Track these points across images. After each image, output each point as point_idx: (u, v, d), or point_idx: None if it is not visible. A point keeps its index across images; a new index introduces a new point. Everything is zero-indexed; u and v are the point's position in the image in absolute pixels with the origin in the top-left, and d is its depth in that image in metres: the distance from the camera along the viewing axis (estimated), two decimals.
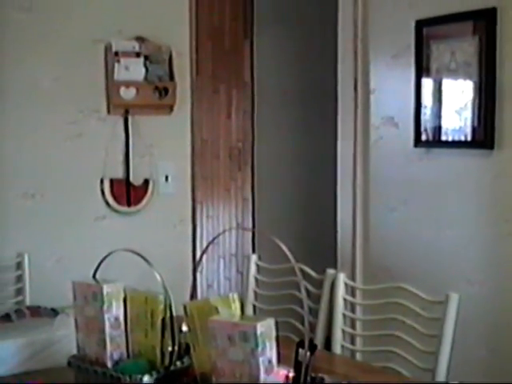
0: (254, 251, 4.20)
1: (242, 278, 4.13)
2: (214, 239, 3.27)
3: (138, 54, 3.64)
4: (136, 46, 3.64)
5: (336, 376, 2.06)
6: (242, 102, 4.72)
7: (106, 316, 2.04)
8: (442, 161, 3.56)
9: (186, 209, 3.96)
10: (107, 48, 3.63)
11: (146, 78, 3.65)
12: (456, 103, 3.46)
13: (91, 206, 3.66)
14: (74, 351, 2.13)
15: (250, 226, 4.65)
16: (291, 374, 1.84)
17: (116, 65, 3.60)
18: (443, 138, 3.53)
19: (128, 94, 3.62)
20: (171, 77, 3.74)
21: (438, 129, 3.55)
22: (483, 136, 3.31)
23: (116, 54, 3.60)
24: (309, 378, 1.83)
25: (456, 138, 3.46)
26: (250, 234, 4.60)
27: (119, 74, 3.60)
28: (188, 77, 3.91)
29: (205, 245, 4.02)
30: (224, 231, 4.05)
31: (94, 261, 2.13)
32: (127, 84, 3.61)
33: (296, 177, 5.05)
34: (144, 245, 2.41)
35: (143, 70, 3.64)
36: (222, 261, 4.61)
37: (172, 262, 3.54)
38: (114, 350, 2.05)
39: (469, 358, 3.33)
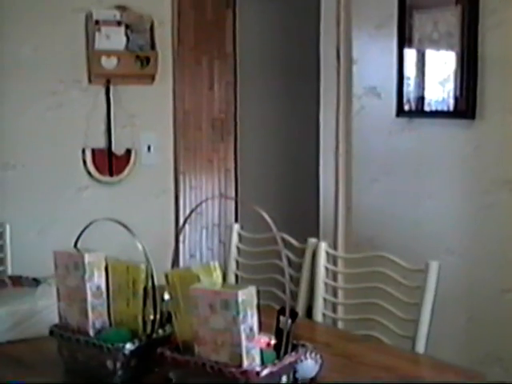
0: (236, 221, 4.20)
1: (225, 247, 4.13)
2: (196, 207, 3.27)
3: (119, 23, 3.61)
4: (117, 15, 3.60)
5: (317, 344, 2.08)
6: (225, 73, 4.70)
7: (88, 285, 2.04)
8: (423, 131, 3.57)
9: (168, 179, 3.96)
10: (88, 17, 3.60)
11: (127, 48, 3.62)
12: (438, 73, 3.46)
13: (73, 176, 3.65)
14: (56, 320, 2.13)
15: (233, 196, 4.65)
16: (272, 342, 1.86)
17: (97, 34, 3.56)
18: (425, 108, 3.54)
19: (109, 63, 3.59)
20: (152, 46, 3.71)
21: (420, 99, 3.55)
22: (465, 106, 3.32)
23: (97, 22, 3.57)
24: (290, 346, 1.85)
25: (438, 109, 3.47)
26: (232, 205, 4.60)
27: (100, 43, 3.57)
28: (170, 47, 3.88)
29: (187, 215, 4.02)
30: (207, 199, 4.05)
31: (77, 231, 2.13)
32: (108, 53, 3.58)
33: (278, 147, 5.05)
34: (126, 215, 2.41)
35: (124, 39, 3.61)
36: (204, 231, 4.61)
37: (154, 232, 3.54)
38: (95, 318, 2.05)
39: (448, 325, 3.37)
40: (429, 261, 2.40)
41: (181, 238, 4.47)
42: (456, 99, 3.37)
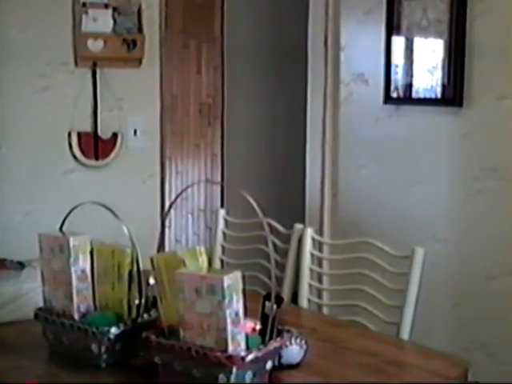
0: (222, 206, 4.19)
1: (211, 233, 4.13)
2: (182, 191, 3.26)
3: (106, 6, 3.57)
4: None
5: (303, 329, 2.09)
6: (213, 57, 4.68)
7: (73, 269, 2.03)
8: (411, 118, 3.57)
9: (154, 164, 3.94)
10: None
11: (114, 30, 3.59)
12: (426, 61, 3.46)
13: (59, 159, 3.63)
14: (41, 304, 2.12)
15: (219, 181, 4.65)
16: (258, 327, 1.86)
17: (84, 16, 3.53)
18: (413, 95, 3.54)
19: (96, 46, 3.56)
20: (140, 29, 3.68)
21: (408, 86, 3.55)
22: (452, 94, 3.33)
23: (84, 5, 3.53)
24: (275, 331, 1.85)
25: (426, 96, 3.47)
26: (218, 190, 4.59)
27: (87, 25, 3.53)
28: (157, 30, 3.85)
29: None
30: (193, 184, 4.04)
31: (63, 214, 2.12)
32: (95, 36, 3.55)
33: (266, 133, 5.04)
34: (112, 199, 2.39)
35: (111, 21, 3.58)
36: (190, 216, 4.60)
37: (140, 217, 3.52)
38: (80, 302, 2.05)
39: (434, 312, 3.39)
40: (414, 247, 2.41)
41: (167, 223, 4.47)
42: (444, 87, 3.37)
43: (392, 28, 3.59)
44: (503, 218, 3.19)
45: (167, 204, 4.00)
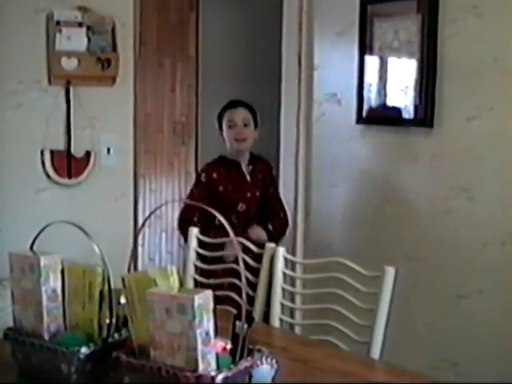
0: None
1: (184, 251, 4.12)
2: (156, 209, 3.25)
3: (80, 24, 3.58)
4: (78, 16, 3.58)
5: (274, 349, 2.09)
6: (187, 76, 4.71)
7: (43, 288, 2.02)
8: (382, 138, 3.61)
9: (128, 182, 3.93)
10: (49, 17, 3.56)
11: (88, 49, 3.60)
12: (398, 81, 3.50)
13: (31, 177, 3.61)
14: (11, 324, 2.10)
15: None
16: (228, 346, 1.86)
17: (58, 35, 3.53)
18: (385, 115, 3.57)
19: (70, 64, 3.56)
20: (114, 48, 3.69)
21: (379, 107, 3.59)
22: (423, 114, 3.36)
23: (58, 23, 3.54)
24: (246, 350, 1.85)
25: (398, 116, 3.51)
26: None
27: (61, 44, 3.53)
28: (131, 49, 3.86)
29: None
30: (166, 202, 4.05)
31: (34, 233, 2.10)
32: (69, 54, 3.55)
33: None
34: (85, 218, 2.40)
35: (85, 40, 3.58)
36: (164, 235, 4.61)
37: (113, 236, 3.51)
38: (50, 322, 2.03)
39: (405, 331, 3.40)
40: (385, 267, 2.43)
41: (140, 242, 4.46)
42: (416, 107, 3.41)
43: (365, 48, 3.63)
44: (473, 236, 3.22)
45: (140, 222, 3.99)
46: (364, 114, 3.63)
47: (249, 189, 3.55)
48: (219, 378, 1.74)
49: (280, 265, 2.75)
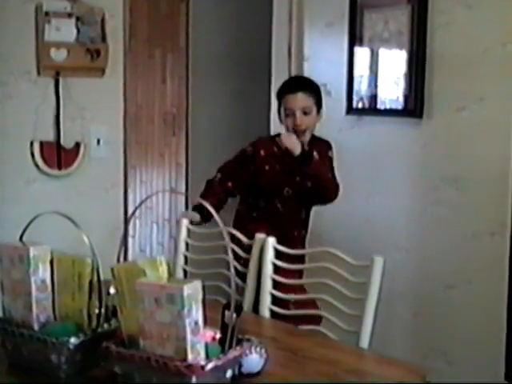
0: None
1: (175, 242, 4.13)
2: (146, 198, 3.23)
3: (69, 15, 3.57)
4: (68, 7, 3.57)
5: (263, 338, 2.09)
6: (178, 67, 4.70)
7: (33, 279, 2.02)
8: (372, 129, 3.62)
9: (118, 173, 3.93)
10: (38, 8, 3.55)
11: (77, 40, 3.59)
12: (387, 72, 3.51)
13: (21, 168, 3.61)
14: (0, 314, 2.11)
15: (184, 191, 4.65)
16: (217, 336, 1.87)
17: (47, 25, 3.52)
18: (375, 106, 3.58)
19: (59, 55, 3.55)
20: (103, 39, 3.68)
21: (369, 97, 3.59)
22: (413, 105, 3.37)
23: (47, 14, 3.52)
24: (235, 340, 1.86)
25: (387, 107, 3.52)
26: (182, 200, 4.60)
27: (50, 34, 3.52)
28: (121, 40, 3.85)
29: None
30: (157, 192, 4.05)
31: (24, 224, 2.10)
32: (58, 45, 3.54)
33: (230, 143, 5.03)
34: (75, 208, 2.40)
35: (75, 31, 3.58)
36: (154, 226, 4.60)
37: (103, 227, 3.52)
38: (40, 312, 2.03)
39: (394, 320, 3.42)
40: (373, 256, 2.43)
41: (131, 233, 4.46)
42: (406, 98, 3.42)
43: (354, 40, 3.63)
44: (463, 227, 3.24)
45: (130, 213, 3.99)
46: (354, 104, 3.64)
47: (299, 173, 3.21)
48: (208, 367, 1.75)
49: (269, 255, 2.75)
